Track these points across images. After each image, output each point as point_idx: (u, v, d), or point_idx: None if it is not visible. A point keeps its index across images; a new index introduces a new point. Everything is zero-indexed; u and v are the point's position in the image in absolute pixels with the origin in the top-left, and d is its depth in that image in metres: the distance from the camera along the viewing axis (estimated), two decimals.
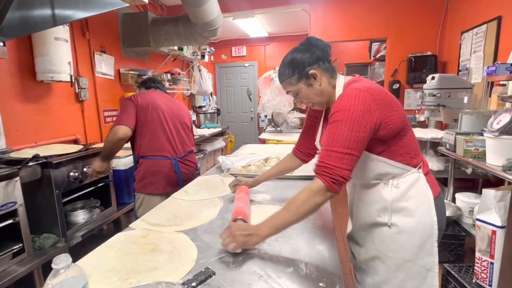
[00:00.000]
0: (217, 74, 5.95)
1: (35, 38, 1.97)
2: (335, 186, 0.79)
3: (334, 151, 0.80)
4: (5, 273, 1.33)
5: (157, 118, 1.71)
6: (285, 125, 3.77)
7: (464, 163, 2.21)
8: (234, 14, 3.80)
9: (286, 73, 0.97)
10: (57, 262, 0.51)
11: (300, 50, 0.96)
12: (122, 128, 1.59)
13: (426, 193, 0.92)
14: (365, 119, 0.81)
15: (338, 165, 0.79)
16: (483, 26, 2.59)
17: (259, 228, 0.83)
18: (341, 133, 0.81)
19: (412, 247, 0.91)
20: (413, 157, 0.92)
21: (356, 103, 0.82)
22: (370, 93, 0.84)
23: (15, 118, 1.94)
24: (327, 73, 0.95)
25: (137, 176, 1.74)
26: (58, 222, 1.61)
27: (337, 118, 0.83)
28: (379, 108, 0.83)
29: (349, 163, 0.80)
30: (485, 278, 1.41)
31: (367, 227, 0.99)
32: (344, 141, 0.80)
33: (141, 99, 1.70)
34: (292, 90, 0.98)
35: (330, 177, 0.79)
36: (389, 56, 3.57)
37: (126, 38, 3.02)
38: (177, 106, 1.88)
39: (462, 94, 2.42)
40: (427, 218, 0.90)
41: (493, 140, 1.54)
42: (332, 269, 0.76)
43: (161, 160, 1.72)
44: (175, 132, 1.79)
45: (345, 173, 0.79)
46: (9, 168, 1.36)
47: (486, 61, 2.55)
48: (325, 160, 0.81)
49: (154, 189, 1.72)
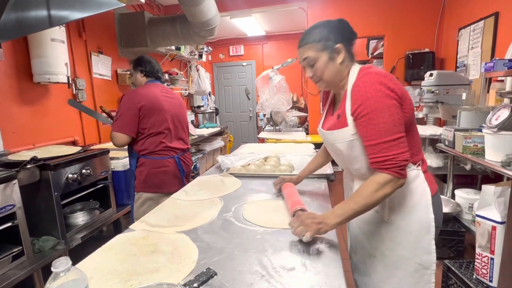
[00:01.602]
0: (215, 74, 5.94)
1: (31, 39, 1.96)
2: (403, 172, 0.80)
3: (388, 141, 0.80)
4: (5, 277, 1.32)
5: (162, 120, 1.68)
6: (284, 123, 3.77)
7: (463, 160, 2.22)
8: (231, 13, 3.79)
9: (311, 38, 0.92)
10: (57, 265, 0.50)
11: (332, 23, 0.93)
12: (122, 138, 1.59)
13: (424, 191, 0.91)
14: (395, 99, 0.81)
15: (397, 152, 0.79)
16: (480, 22, 2.59)
17: (327, 217, 0.84)
18: (384, 121, 0.79)
19: (409, 244, 0.90)
20: (414, 154, 0.91)
21: (381, 88, 0.81)
22: (389, 78, 0.84)
23: (12, 120, 1.92)
24: (349, 56, 0.94)
25: (140, 175, 1.69)
26: (58, 225, 1.60)
27: (370, 109, 0.81)
28: (399, 91, 0.83)
29: (404, 145, 0.81)
30: (486, 274, 1.42)
31: (364, 223, 1.00)
32: (392, 128, 0.80)
33: (146, 102, 1.62)
34: (311, 56, 0.92)
35: (397, 166, 0.79)
36: (387, 54, 3.57)
37: (123, 38, 3.00)
38: (177, 102, 1.84)
39: (460, 90, 2.42)
40: (424, 215, 0.90)
41: (491, 136, 1.55)
42: (334, 268, 0.75)
43: (166, 160, 1.70)
44: (177, 130, 1.79)
45: (406, 155, 0.80)
46: (7, 171, 1.35)
47: (483, 57, 2.55)
48: (383, 153, 0.80)
49: (163, 189, 1.69)
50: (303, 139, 3.20)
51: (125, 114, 1.59)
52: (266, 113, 3.77)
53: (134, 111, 1.59)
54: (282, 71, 3.63)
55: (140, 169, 1.69)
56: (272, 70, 3.53)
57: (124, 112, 1.59)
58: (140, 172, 1.69)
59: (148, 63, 1.77)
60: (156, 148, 1.67)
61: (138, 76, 1.78)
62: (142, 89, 1.68)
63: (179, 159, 1.77)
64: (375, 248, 0.96)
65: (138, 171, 1.70)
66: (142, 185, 1.69)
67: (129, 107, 1.59)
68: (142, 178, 1.69)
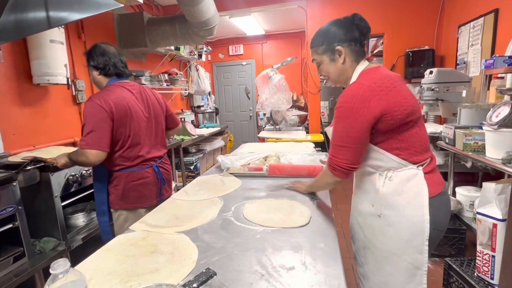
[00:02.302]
0: (214, 73, 5.93)
1: (30, 41, 1.96)
2: (335, 172, 0.96)
3: (334, 144, 0.95)
4: (7, 278, 1.33)
5: (137, 130, 1.41)
6: (284, 123, 3.76)
7: (463, 157, 2.21)
8: (231, 12, 3.78)
9: (316, 41, 1.01)
10: (55, 267, 0.50)
11: (338, 23, 0.98)
12: (96, 155, 1.27)
13: (421, 191, 0.91)
14: (362, 115, 0.87)
15: (335, 156, 0.94)
16: (480, 19, 2.58)
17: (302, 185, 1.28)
18: (338, 128, 0.93)
19: (399, 241, 0.92)
20: (413, 154, 0.92)
21: (354, 100, 0.88)
22: (373, 89, 0.86)
23: (12, 122, 1.93)
24: (353, 55, 0.97)
25: (115, 192, 1.42)
26: (58, 226, 1.61)
27: (337, 114, 0.93)
28: (380, 103, 0.86)
29: (344, 153, 0.92)
30: (487, 272, 1.41)
31: (361, 216, 1.02)
32: (340, 136, 0.92)
33: (115, 108, 1.32)
34: (316, 59, 1.04)
35: (331, 166, 0.97)
36: (387, 52, 3.56)
37: (122, 39, 3.00)
38: (150, 99, 1.53)
39: (461, 88, 2.41)
40: (416, 215, 0.90)
41: (492, 133, 1.54)
42: (333, 267, 0.75)
43: (143, 170, 1.45)
44: (154, 135, 1.52)
45: (342, 163, 0.93)
46: (7, 173, 1.35)
47: (483, 54, 2.54)
48: (330, 151, 0.97)
49: (144, 203, 1.46)
50: (303, 138, 3.20)
51: (98, 126, 1.29)
52: (266, 112, 3.77)
53: (107, 122, 1.31)
54: (281, 70, 3.63)
55: (113, 184, 1.42)
56: (272, 69, 3.52)
57: (97, 125, 1.28)
58: (114, 187, 1.42)
59: (101, 56, 1.41)
60: (131, 159, 1.42)
61: (95, 75, 1.44)
62: (108, 93, 1.36)
63: (157, 167, 1.52)
64: (369, 240, 0.99)
65: (112, 187, 1.43)
66: (120, 201, 1.43)
67: (101, 118, 1.29)
68: (118, 193, 1.42)
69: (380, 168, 0.95)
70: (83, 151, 1.28)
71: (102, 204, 1.46)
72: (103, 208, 1.46)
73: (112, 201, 1.44)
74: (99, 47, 1.43)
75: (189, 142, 3.41)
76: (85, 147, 1.27)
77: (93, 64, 1.42)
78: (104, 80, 1.45)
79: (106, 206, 1.46)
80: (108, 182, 1.43)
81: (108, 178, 1.43)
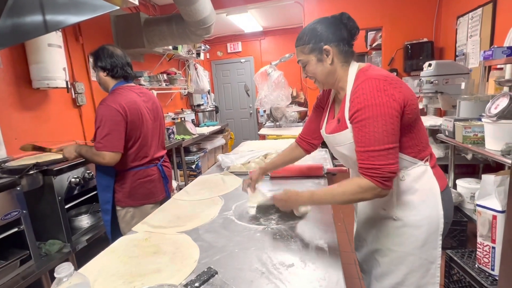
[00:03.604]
0: (213, 72, 5.93)
1: (28, 45, 1.97)
2: (388, 183, 0.79)
3: (376, 150, 0.79)
4: (14, 281, 1.35)
5: (145, 129, 1.48)
6: (284, 119, 3.76)
7: (463, 149, 2.21)
8: (227, 10, 3.77)
9: (302, 40, 0.93)
10: (59, 271, 0.52)
11: (326, 22, 0.91)
12: (112, 156, 1.33)
13: (433, 187, 0.89)
14: (393, 107, 0.78)
15: (385, 163, 0.78)
16: (479, 10, 2.56)
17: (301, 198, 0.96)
18: (375, 130, 0.78)
19: (416, 241, 0.89)
20: (421, 149, 0.90)
21: (380, 94, 0.79)
22: (388, 82, 0.81)
23: (14, 126, 1.94)
24: (341, 55, 0.91)
25: (122, 190, 1.46)
26: (63, 228, 1.63)
27: (365, 116, 0.80)
28: (400, 95, 0.80)
29: (394, 157, 0.79)
30: (487, 263, 1.42)
31: (370, 221, 0.99)
32: (383, 138, 0.78)
33: (129, 111, 1.38)
34: (302, 59, 0.95)
35: (381, 177, 0.78)
36: (385, 45, 3.54)
37: (119, 40, 3.00)
38: (153, 102, 1.58)
39: (460, 80, 2.40)
40: (433, 212, 0.88)
41: (491, 125, 1.54)
42: (333, 264, 0.77)
43: (149, 169, 1.52)
44: (156, 135, 1.58)
45: (393, 168, 0.79)
46: (11, 178, 1.37)
47: (482, 45, 2.53)
48: (370, 161, 0.80)
49: (151, 199, 1.52)
50: None
51: (114, 129, 1.34)
52: (265, 109, 3.77)
53: (122, 125, 1.36)
54: (280, 66, 3.62)
55: (120, 183, 1.46)
56: (270, 66, 3.52)
57: (113, 128, 1.34)
58: (121, 186, 1.46)
59: (109, 57, 1.44)
60: (140, 163, 1.48)
61: (101, 76, 1.47)
62: (120, 97, 1.40)
63: (161, 165, 1.59)
64: (382, 244, 0.95)
65: (118, 185, 1.47)
66: (127, 199, 1.47)
67: (116, 121, 1.35)
68: (125, 191, 1.46)
69: None
70: (99, 153, 1.33)
71: (106, 203, 1.49)
72: (106, 207, 1.49)
73: (119, 199, 1.48)
74: (107, 49, 1.46)
75: (189, 141, 3.42)
76: (103, 149, 1.33)
77: (101, 65, 1.44)
78: (110, 81, 1.48)
79: (110, 205, 1.49)
80: (114, 181, 1.47)
81: (115, 176, 1.47)
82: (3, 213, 1.31)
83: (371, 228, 0.99)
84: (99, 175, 1.48)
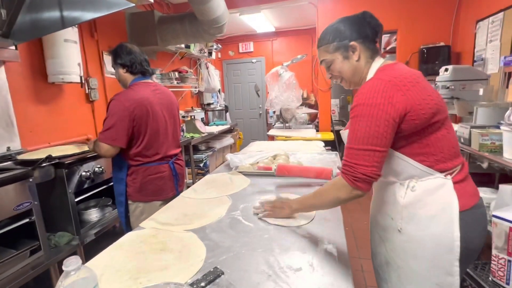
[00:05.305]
0: (224, 71, 5.94)
1: (45, 40, 2.01)
2: (359, 184, 0.78)
3: (355, 148, 0.79)
4: (24, 270, 1.38)
5: (156, 125, 1.50)
6: (293, 121, 3.73)
7: (479, 158, 2.14)
8: (240, 9, 3.77)
9: (325, 39, 0.93)
10: (67, 264, 0.51)
11: (349, 20, 0.91)
12: (107, 149, 1.40)
13: (449, 204, 0.80)
14: (386, 112, 0.76)
15: (360, 163, 0.77)
16: (500, 14, 2.48)
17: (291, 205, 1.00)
18: (359, 129, 0.78)
19: (423, 260, 0.82)
20: (440, 160, 0.82)
21: (375, 95, 0.77)
22: (395, 84, 0.78)
23: (29, 119, 1.99)
24: (368, 51, 0.90)
25: (133, 184, 1.51)
26: (72, 221, 1.65)
27: (356, 113, 0.80)
28: (404, 99, 0.77)
29: (371, 160, 0.77)
30: (503, 276, 1.37)
31: (380, 229, 0.96)
32: (364, 137, 0.77)
33: (137, 107, 1.42)
34: (326, 58, 0.94)
35: (353, 176, 0.78)
36: (400, 48, 3.47)
37: (133, 37, 3.04)
38: (169, 100, 1.61)
39: (478, 85, 2.33)
40: (443, 231, 0.80)
41: (510, 133, 1.48)
42: (342, 271, 0.74)
43: (161, 165, 1.55)
44: (170, 132, 1.60)
45: (369, 170, 0.77)
46: (24, 169, 1.40)
47: (503, 50, 2.44)
48: (348, 158, 0.80)
49: (160, 195, 1.55)
50: (313, 136, 3.17)
51: (117, 125, 1.39)
52: (275, 110, 3.75)
53: (127, 122, 1.40)
54: (292, 67, 3.59)
55: (132, 177, 1.51)
56: (282, 66, 3.50)
57: (117, 123, 1.39)
58: (132, 180, 1.51)
59: (128, 54, 1.50)
60: (150, 159, 1.52)
61: (121, 72, 1.52)
62: (132, 93, 1.45)
63: (173, 163, 1.61)
64: (391, 257, 0.91)
65: (130, 179, 1.51)
66: (137, 194, 1.51)
67: (122, 116, 1.39)
68: (136, 186, 1.51)
69: (400, 177, 0.85)
70: (99, 143, 1.42)
71: (120, 195, 1.54)
72: (120, 199, 1.55)
73: (130, 193, 1.53)
74: (125, 47, 1.52)
75: (198, 140, 3.43)
76: (103, 140, 1.41)
77: (120, 62, 1.51)
78: (129, 77, 1.54)
79: (123, 197, 1.54)
80: (127, 174, 1.52)
81: (127, 170, 1.52)
82: (15, 204, 1.33)
83: (380, 237, 0.96)
84: (114, 168, 1.56)
